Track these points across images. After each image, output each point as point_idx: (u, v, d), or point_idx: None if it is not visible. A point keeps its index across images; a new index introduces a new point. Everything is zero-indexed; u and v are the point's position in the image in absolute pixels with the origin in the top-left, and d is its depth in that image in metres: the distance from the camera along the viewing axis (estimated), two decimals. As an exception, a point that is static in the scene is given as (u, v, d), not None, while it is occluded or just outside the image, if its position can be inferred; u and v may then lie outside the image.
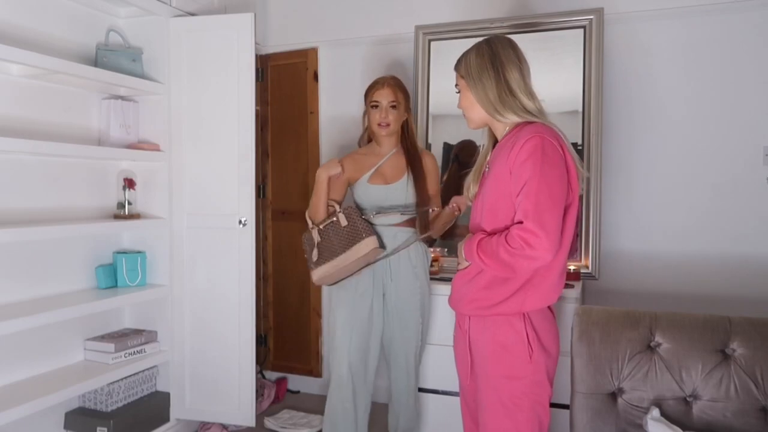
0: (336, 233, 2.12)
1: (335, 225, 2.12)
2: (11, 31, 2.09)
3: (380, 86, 2.20)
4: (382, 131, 2.19)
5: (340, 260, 2.08)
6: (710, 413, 1.61)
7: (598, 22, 2.56)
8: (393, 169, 2.23)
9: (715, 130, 2.49)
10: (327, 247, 2.11)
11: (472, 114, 1.63)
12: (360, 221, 2.10)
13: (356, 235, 2.08)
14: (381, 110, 2.18)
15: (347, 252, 2.07)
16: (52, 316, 2.03)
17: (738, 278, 2.45)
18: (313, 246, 2.15)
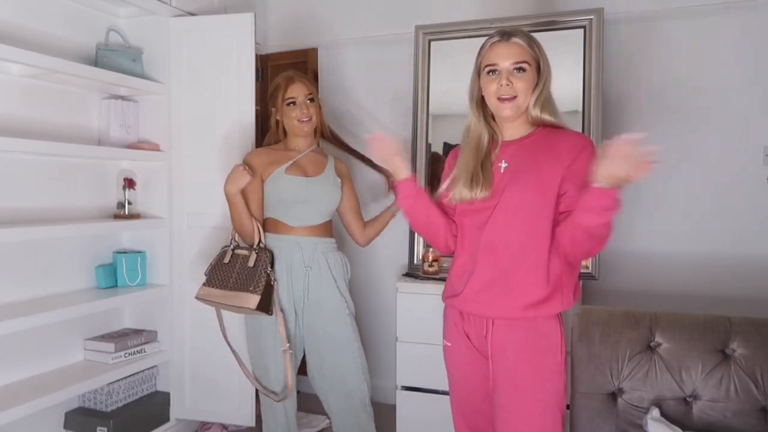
0: (239, 266, 2.01)
1: (243, 259, 2.01)
2: (11, 31, 2.09)
3: (291, 82, 2.07)
4: (304, 127, 2.07)
5: (223, 295, 1.99)
6: (710, 413, 1.61)
7: (598, 22, 2.56)
8: (313, 164, 2.11)
9: (716, 129, 2.49)
10: (224, 273, 2.02)
11: (524, 100, 1.47)
12: (263, 274, 1.95)
13: (250, 282, 1.95)
14: (299, 106, 2.05)
15: (231, 292, 1.97)
16: (52, 316, 2.03)
17: (738, 278, 2.45)
18: (218, 262, 2.04)
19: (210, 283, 2.02)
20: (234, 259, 2.02)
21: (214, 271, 2.03)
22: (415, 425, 2.47)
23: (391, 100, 2.99)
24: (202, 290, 2.04)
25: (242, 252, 2.01)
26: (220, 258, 2.05)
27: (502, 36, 1.48)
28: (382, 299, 2.99)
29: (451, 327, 1.61)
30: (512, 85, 1.45)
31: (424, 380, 2.46)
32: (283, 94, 2.06)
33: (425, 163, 2.85)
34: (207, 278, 2.04)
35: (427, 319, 2.44)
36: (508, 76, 1.45)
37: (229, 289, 1.97)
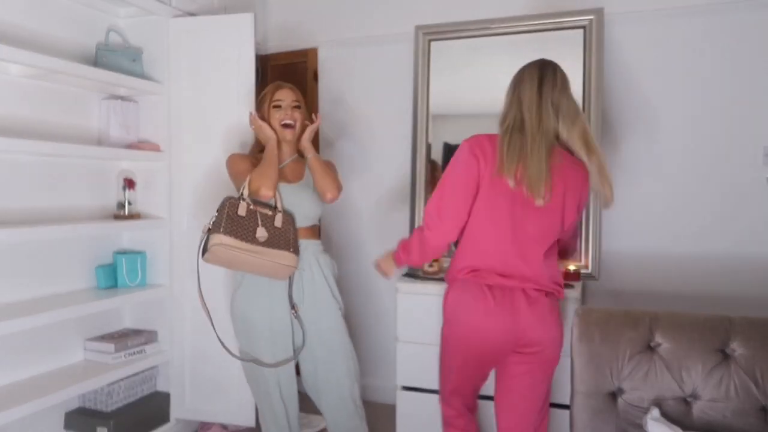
0: (263, 224, 1.92)
1: (268, 218, 1.93)
2: (11, 31, 2.09)
3: (280, 87, 2.13)
4: (287, 133, 2.09)
5: (254, 250, 1.87)
6: (710, 413, 1.61)
7: (598, 22, 2.56)
8: (293, 172, 2.13)
9: (715, 130, 2.49)
10: (245, 228, 1.88)
11: None
12: (294, 235, 1.97)
13: (284, 242, 1.93)
14: (284, 109, 2.09)
15: (267, 249, 1.88)
16: (52, 316, 2.03)
17: (738, 278, 2.45)
18: (231, 217, 1.88)
19: (230, 232, 1.84)
20: (252, 215, 1.90)
21: (229, 221, 1.86)
22: (415, 425, 2.47)
23: (390, 100, 2.99)
24: (219, 238, 1.82)
25: (264, 210, 1.93)
26: (232, 209, 1.89)
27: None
28: (382, 299, 2.99)
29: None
30: None
31: (424, 380, 2.46)
32: (270, 98, 2.11)
33: (425, 163, 2.86)
34: (222, 227, 1.84)
35: (427, 319, 2.44)
36: None
37: (260, 244, 1.87)
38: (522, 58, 2.68)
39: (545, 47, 2.66)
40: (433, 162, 2.84)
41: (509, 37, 2.73)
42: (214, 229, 1.85)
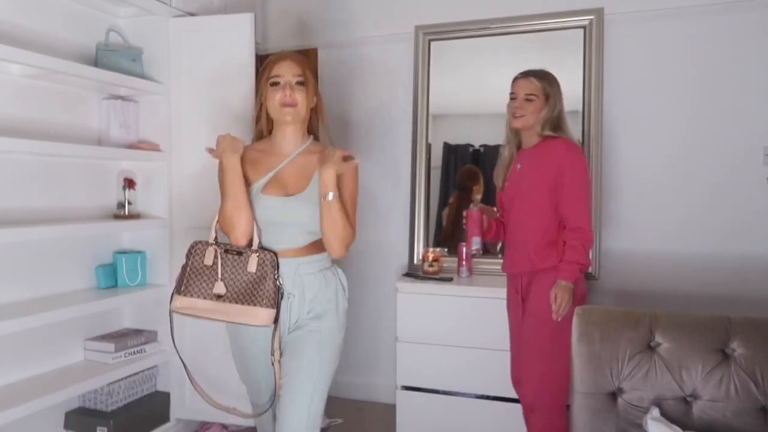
0: (235, 271, 1.61)
1: (236, 264, 1.61)
2: (11, 31, 2.09)
3: (280, 59, 1.69)
4: (286, 115, 1.65)
5: (215, 309, 1.59)
6: (710, 413, 1.61)
7: (598, 22, 2.56)
8: (296, 175, 1.69)
9: (715, 130, 2.49)
10: (208, 278, 1.61)
11: (533, 118, 2.07)
12: (271, 279, 1.59)
13: (256, 293, 1.58)
14: (284, 86, 1.65)
15: (231, 306, 1.58)
16: (52, 316, 2.03)
17: (738, 278, 2.45)
18: (196, 269, 1.61)
19: (189, 292, 1.60)
20: (222, 261, 1.61)
21: (192, 276, 1.61)
22: (415, 425, 2.47)
23: (390, 100, 2.99)
24: (178, 300, 1.61)
25: (233, 254, 1.61)
26: (197, 258, 1.62)
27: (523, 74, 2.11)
28: (382, 299, 2.99)
29: (508, 288, 2.22)
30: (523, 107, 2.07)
31: (424, 380, 2.46)
32: (267, 72, 1.69)
33: (425, 164, 2.86)
34: (182, 286, 1.61)
35: (427, 319, 2.44)
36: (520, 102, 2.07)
37: (224, 300, 1.59)
38: (522, 58, 2.70)
39: (545, 47, 2.66)
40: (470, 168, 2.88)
41: (509, 37, 2.73)
42: (177, 288, 1.61)
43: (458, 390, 2.41)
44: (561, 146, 2.03)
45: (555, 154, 2.02)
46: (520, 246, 2.10)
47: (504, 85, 2.16)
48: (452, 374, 2.41)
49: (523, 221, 2.10)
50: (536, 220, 2.06)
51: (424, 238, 2.86)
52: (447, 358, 2.41)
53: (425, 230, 2.86)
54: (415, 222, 2.86)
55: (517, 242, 2.13)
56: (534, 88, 2.06)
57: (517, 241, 2.13)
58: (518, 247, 2.11)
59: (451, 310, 2.41)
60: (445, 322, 2.41)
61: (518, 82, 2.11)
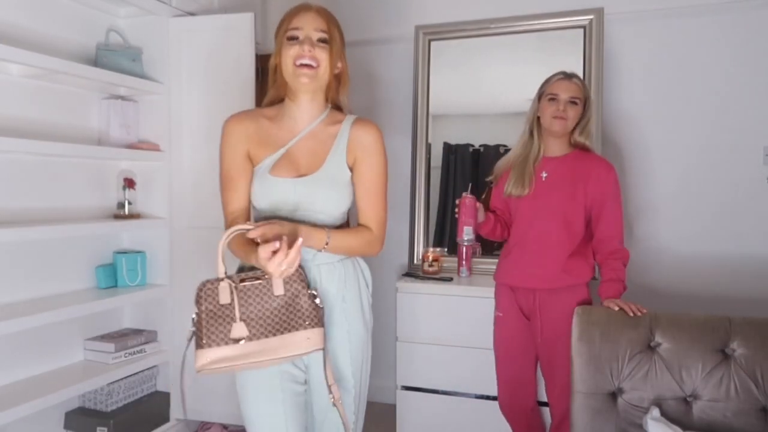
0: (260, 301, 1.32)
1: (261, 288, 1.33)
2: (11, 31, 2.09)
3: (303, 9, 1.40)
4: (302, 76, 1.37)
5: (250, 352, 1.28)
6: (710, 413, 1.61)
7: (598, 22, 2.56)
8: (311, 152, 1.44)
9: (715, 130, 2.49)
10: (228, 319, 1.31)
11: (572, 124, 1.98)
12: (305, 294, 1.33)
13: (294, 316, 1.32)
14: (302, 43, 1.36)
15: (268, 340, 1.29)
16: (52, 316, 2.03)
17: (738, 278, 2.45)
18: (213, 313, 1.30)
19: (212, 342, 1.28)
20: (244, 294, 1.32)
21: (211, 322, 1.30)
22: (415, 425, 2.47)
23: (390, 100, 2.99)
24: (203, 357, 1.28)
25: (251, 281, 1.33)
26: (211, 301, 1.31)
27: (566, 75, 1.99)
28: (382, 299, 2.98)
29: (504, 301, 2.08)
30: (566, 110, 1.95)
31: (424, 380, 2.46)
32: (285, 24, 1.40)
33: (425, 164, 2.86)
34: (203, 338, 1.29)
35: (427, 319, 2.44)
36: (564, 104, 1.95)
37: (256, 339, 1.29)
38: (522, 58, 2.70)
39: (545, 47, 2.66)
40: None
41: (509, 37, 2.73)
42: (197, 342, 1.29)
43: (458, 390, 2.41)
44: (601, 164, 1.97)
45: (597, 172, 1.94)
46: (541, 260, 1.96)
47: (504, 85, 2.16)
48: (452, 374, 2.41)
49: (552, 235, 1.96)
50: (568, 236, 1.95)
51: (424, 238, 2.86)
52: (447, 358, 2.41)
53: (425, 230, 2.86)
54: (415, 222, 2.86)
55: (537, 255, 1.97)
56: (578, 91, 1.95)
57: (537, 253, 1.97)
58: (538, 261, 1.97)
59: (451, 310, 2.41)
60: (445, 322, 2.41)
61: (560, 83, 1.96)
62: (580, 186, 1.95)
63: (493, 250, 2.68)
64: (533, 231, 1.99)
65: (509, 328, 2.06)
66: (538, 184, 1.99)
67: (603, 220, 1.93)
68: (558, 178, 1.98)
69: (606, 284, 1.90)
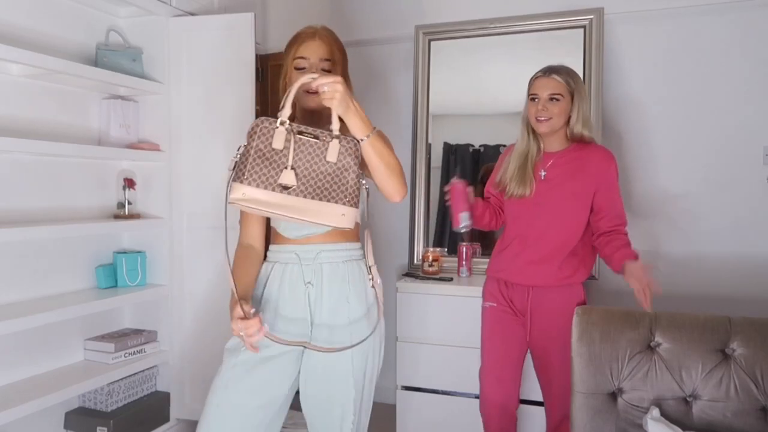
0: (311, 160, 1.34)
1: (316, 150, 1.35)
2: (11, 31, 2.09)
3: (308, 37, 1.51)
4: (310, 102, 1.47)
5: (284, 204, 1.31)
6: (710, 413, 1.61)
7: (598, 22, 2.56)
8: None
9: (715, 129, 2.49)
10: (277, 165, 1.33)
11: (559, 121, 1.90)
12: (353, 172, 1.36)
13: (336, 188, 1.34)
14: (309, 70, 1.48)
15: (307, 201, 1.32)
16: (52, 316, 2.03)
17: (738, 278, 2.45)
18: (262, 153, 1.32)
19: (252, 180, 1.31)
20: (295, 146, 1.34)
21: (257, 160, 1.32)
22: (415, 425, 2.47)
23: (391, 100, 2.99)
24: (239, 190, 1.30)
25: (309, 137, 1.35)
26: (263, 139, 1.33)
27: (545, 72, 1.92)
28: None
29: (496, 293, 2.03)
30: (547, 110, 1.87)
31: (424, 380, 2.46)
32: (293, 52, 1.51)
33: (425, 164, 2.86)
34: (245, 173, 1.31)
35: (427, 319, 2.44)
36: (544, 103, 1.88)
37: (293, 193, 1.31)
38: (522, 58, 2.70)
39: (545, 47, 2.66)
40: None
41: (509, 37, 2.73)
42: (237, 174, 1.31)
43: (458, 390, 2.41)
44: (601, 154, 1.93)
45: (597, 162, 1.90)
46: (539, 257, 1.93)
47: (504, 85, 2.15)
48: (452, 374, 2.41)
49: (551, 234, 1.92)
50: (567, 235, 1.92)
51: (424, 238, 2.86)
52: (447, 358, 2.41)
53: (425, 230, 2.86)
54: (415, 222, 2.86)
55: (535, 253, 1.93)
56: (558, 87, 1.86)
57: (536, 251, 1.93)
58: (537, 259, 1.93)
59: (451, 310, 2.41)
60: (445, 322, 2.41)
61: (539, 81, 1.90)
62: (581, 179, 1.90)
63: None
64: (533, 230, 1.95)
65: (500, 321, 2.00)
66: (538, 184, 1.94)
67: (607, 211, 1.90)
68: (557, 175, 1.92)
69: (620, 251, 1.84)
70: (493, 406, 2.02)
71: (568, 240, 1.93)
